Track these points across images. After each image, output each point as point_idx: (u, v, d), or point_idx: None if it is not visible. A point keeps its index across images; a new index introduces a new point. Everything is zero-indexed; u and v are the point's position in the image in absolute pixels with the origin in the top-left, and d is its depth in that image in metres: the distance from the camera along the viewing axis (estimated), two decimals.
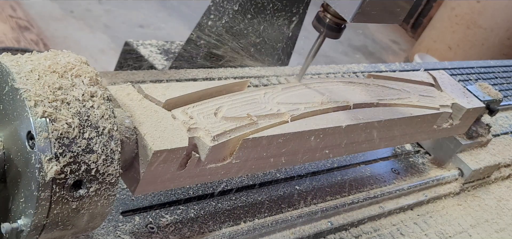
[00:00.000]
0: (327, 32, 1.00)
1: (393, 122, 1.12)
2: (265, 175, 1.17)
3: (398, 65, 1.98)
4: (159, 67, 2.06)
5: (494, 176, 1.53)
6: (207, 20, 1.88)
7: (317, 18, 1.00)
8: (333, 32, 0.99)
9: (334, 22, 0.98)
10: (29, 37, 2.73)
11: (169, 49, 2.21)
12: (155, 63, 2.08)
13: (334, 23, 0.99)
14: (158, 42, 2.25)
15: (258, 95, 0.97)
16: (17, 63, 0.67)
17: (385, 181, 1.31)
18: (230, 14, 1.81)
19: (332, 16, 0.98)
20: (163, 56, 2.15)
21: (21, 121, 0.64)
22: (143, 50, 2.14)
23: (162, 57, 2.14)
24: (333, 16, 0.97)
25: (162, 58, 2.13)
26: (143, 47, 2.17)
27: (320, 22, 0.99)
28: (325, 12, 0.99)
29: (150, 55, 2.13)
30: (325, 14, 0.98)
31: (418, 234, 1.23)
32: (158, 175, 0.78)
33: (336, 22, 0.98)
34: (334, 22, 0.98)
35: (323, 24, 0.99)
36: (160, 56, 2.15)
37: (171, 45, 2.24)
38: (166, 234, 0.93)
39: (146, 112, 0.79)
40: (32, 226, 0.66)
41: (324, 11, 0.99)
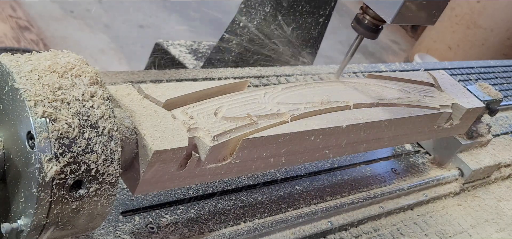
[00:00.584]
0: (365, 32, 1.06)
1: (393, 122, 1.12)
2: (265, 175, 1.17)
3: (398, 65, 1.98)
4: (190, 66, 2.14)
5: (494, 176, 1.53)
6: (239, 21, 1.95)
7: (356, 20, 1.07)
8: (371, 32, 1.06)
9: (373, 23, 1.05)
10: (29, 37, 2.73)
11: (197, 49, 2.30)
12: (185, 63, 2.16)
13: (372, 24, 1.05)
14: (186, 42, 2.33)
15: (258, 95, 0.97)
16: (17, 63, 0.67)
17: (385, 181, 1.31)
18: (261, 15, 1.89)
19: (370, 17, 1.05)
20: (192, 56, 2.23)
21: (21, 121, 0.64)
22: (173, 50, 2.22)
23: (191, 57, 2.22)
24: (372, 17, 1.04)
25: (192, 58, 2.21)
26: (173, 47, 2.25)
27: (359, 23, 1.06)
28: (364, 14, 1.05)
29: (180, 55, 2.21)
30: (364, 16, 1.05)
31: (418, 234, 1.23)
32: (158, 175, 0.78)
33: (374, 23, 1.05)
34: (372, 23, 1.05)
35: (361, 25, 1.06)
36: (190, 55, 2.23)
37: (198, 45, 2.33)
38: (166, 234, 0.93)
39: (146, 112, 0.79)
40: (32, 226, 0.66)
41: (363, 13, 1.06)
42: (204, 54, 2.25)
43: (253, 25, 1.89)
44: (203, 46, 2.33)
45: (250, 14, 1.92)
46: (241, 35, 1.91)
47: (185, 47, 2.28)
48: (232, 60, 1.91)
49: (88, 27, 3.58)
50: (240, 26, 1.93)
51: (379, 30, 1.07)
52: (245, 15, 1.94)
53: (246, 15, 1.93)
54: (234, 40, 1.92)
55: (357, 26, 1.07)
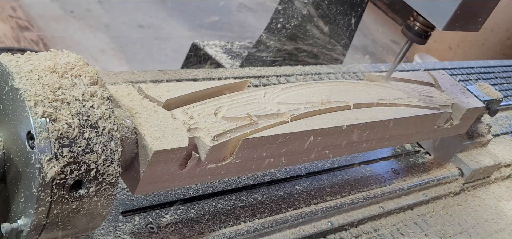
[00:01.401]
0: (415, 38, 1.14)
1: (393, 121, 1.12)
2: (265, 175, 1.17)
3: (398, 65, 1.98)
4: (227, 66, 2.26)
5: (494, 176, 1.53)
6: (276, 22, 2.06)
7: (406, 26, 1.15)
8: (420, 38, 1.14)
9: (422, 29, 1.13)
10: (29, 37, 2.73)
11: (231, 49, 2.42)
12: (222, 62, 2.28)
13: (421, 31, 1.13)
14: (220, 43, 2.45)
15: (258, 95, 0.97)
16: (17, 63, 0.67)
17: (385, 181, 1.31)
18: (298, 17, 2.00)
19: (420, 24, 1.12)
20: (227, 56, 2.35)
21: (21, 121, 0.64)
22: (210, 50, 2.34)
23: (226, 57, 2.34)
24: (422, 24, 1.12)
25: (227, 57, 2.33)
26: (209, 47, 2.37)
27: (409, 29, 1.14)
28: (414, 20, 1.13)
29: (216, 54, 2.33)
30: (414, 23, 1.13)
31: (418, 234, 1.23)
32: (158, 175, 0.78)
33: (423, 29, 1.13)
34: (422, 30, 1.13)
35: (411, 31, 1.14)
36: (225, 55, 2.34)
37: (231, 45, 2.46)
38: (166, 234, 0.93)
39: (146, 112, 0.79)
40: (32, 226, 0.66)
41: (414, 19, 1.13)
42: (237, 54, 2.37)
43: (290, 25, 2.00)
44: (236, 46, 2.45)
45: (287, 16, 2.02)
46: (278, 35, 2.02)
47: (219, 47, 2.40)
48: (270, 59, 2.02)
49: (88, 27, 3.58)
50: (277, 27, 2.03)
51: (428, 36, 1.14)
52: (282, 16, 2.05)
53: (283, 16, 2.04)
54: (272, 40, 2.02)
55: (407, 32, 1.14)
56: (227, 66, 2.26)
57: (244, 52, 2.37)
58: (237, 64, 2.28)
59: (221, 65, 2.25)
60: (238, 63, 2.28)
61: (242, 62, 2.19)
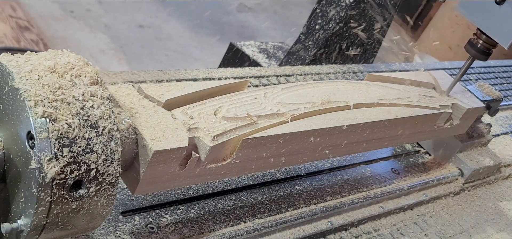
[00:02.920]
0: (477, 54, 1.22)
1: (393, 122, 1.12)
2: (265, 175, 1.17)
3: (398, 65, 1.98)
4: (264, 65, 2.36)
5: (494, 176, 1.53)
6: (315, 24, 2.14)
7: (470, 43, 1.22)
8: (482, 55, 1.22)
9: (485, 47, 1.20)
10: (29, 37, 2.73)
11: (266, 49, 2.53)
12: (259, 61, 2.39)
13: (485, 48, 1.21)
14: (256, 43, 2.56)
15: (258, 95, 0.97)
16: (17, 63, 0.67)
17: (385, 181, 1.31)
18: (336, 20, 2.08)
19: (483, 42, 1.20)
20: (263, 55, 2.46)
21: (21, 121, 0.64)
22: (247, 50, 2.45)
23: (263, 56, 2.45)
24: (484, 42, 1.20)
25: (263, 57, 2.44)
26: (245, 47, 2.47)
27: (472, 46, 1.22)
28: (478, 38, 1.20)
29: (253, 54, 2.44)
30: (478, 40, 1.21)
31: (418, 234, 1.23)
32: (158, 175, 0.78)
33: (486, 47, 1.20)
34: (485, 47, 1.21)
35: (474, 48, 1.21)
36: (261, 55, 2.45)
37: (266, 45, 2.57)
38: (166, 234, 0.93)
39: (146, 113, 0.79)
40: (32, 226, 0.66)
41: (477, 37, 1.21)
42: (272, 53, 2.49)
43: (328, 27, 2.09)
44: (270, 46, 2.56)
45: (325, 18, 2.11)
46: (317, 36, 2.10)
47: (255, 47, 2.50)
48: (309, 59, 2.10)
49: (88, 27, 3.58)
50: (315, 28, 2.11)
51: (490, 53, 1.22)
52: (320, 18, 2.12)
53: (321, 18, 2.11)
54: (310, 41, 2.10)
55: (470, 48, 1.22)
56: (265, 65, 2.36)
57: (277, 52, 2.49)
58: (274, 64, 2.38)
59: (259, 64, 2.34)
60: (274, 63, 2.38)
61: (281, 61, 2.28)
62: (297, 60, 2.14)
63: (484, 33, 1.17)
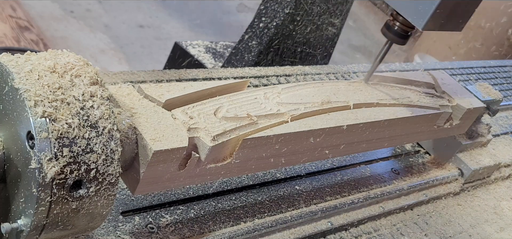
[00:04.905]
0: (395, 38, 1.10)
1: (393, 122, 1.12)
2: (265, 175, 1.17)
3: (398, 65, 1.98)
4: (209, 66, 2.24)
5: (494, 176, 1.53)
6: (259, 22, 2.01)
7: (386, 25, 1.10)
8: (400, 38, 1.10)
9: (402, 29, 1.09)
10: (29, 37, 2.73)
11: (215, 49, 2.40)
12: (204, 62, 2.26)
13: (402, 31, 1.09)
14: (204, 42, 2.43)
15: (258, 95, 0.97)
16: (17, 63, 0.67)
17: (385, 181, 1.31)
18: (281, 17, 1.95)
19: (400, 24, 1.08)
20: (210, 56, 2.34)
21: (21, 121, 0.64)
22: (192, 50, 2.33)
23: (209, 57, 2.33)
24: (402, 24, 1.08)
25: (210, 57, 2.32)
26: (191, 47, 2.35)
27: (389, 29, 1.10)
28: (394, 20, 1.09)
29: (199, 54, 2.32)
30: (394, 22, 1.09)
31: (418, 234, 1.23)
32: (158, 175, 0.78)
33: (404, 29, 1.09)
34: (402, 30, 1.09)
35: (391, 31, 1.10)
36: (208, 55, 2.33)
37: (215, 45, 2.44)
38: (166, 234, 0.93)
39: (146, 112, 0.79)
40: (32, 226, 0.66)
41: (394, 19, 1.09)
42: (221, 54, 2.35)
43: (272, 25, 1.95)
44: (220, 46, 2.42)
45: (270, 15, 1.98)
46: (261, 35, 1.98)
47: (202, 47, 2.38)
48: (252, 60, 1.98)
49: (88, 27, 3.58)
50: (259, 27, 1.99)
51: (408, 36, 1.10)
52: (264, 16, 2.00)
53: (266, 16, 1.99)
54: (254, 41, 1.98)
55: (387, 32, 1.10)
56: (209, 66, 2.23)
57: (227, 51, 2.33)
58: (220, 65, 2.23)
59: (203, 65, 2.22)
60: (221, 64, 2.24)
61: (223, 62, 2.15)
62: (240, 61, 2.02)
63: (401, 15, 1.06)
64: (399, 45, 1.12)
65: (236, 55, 2.03)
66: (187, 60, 2.29)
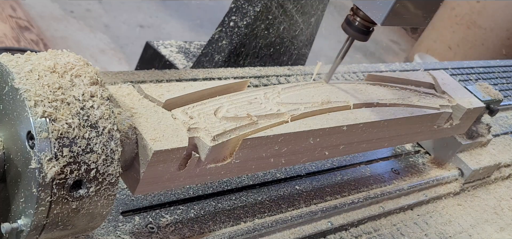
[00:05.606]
0: (356, 34, 1.03)
1: (393, 122, 1.12)
2: (265, 175, 1.17)
3: (398, 65, 1.98)
4: (180, 67, 2.14)
5: (494, 176, 1.53)
6: (229, 20, 1.91)
7: (346, 21, 1.03)
8: (362, 34, 1.03)
9: (363, 25, 1.01)
10: (29, 37, 2.73)
11: (188, 49, 2.29)
12: (176, 63, 2.16)
13: (363, 26, 1.02)
14: (177, 42, 2.32)
15: (258, 95, 0.97)
16: (17, 63, 0.67)
17: (385, 181, 1.31)
18: (251, 15, 1.85)
19: (361, 19, 1.01)
20: (182, 56, 2.23)
21: (21, 121, 0.64)
22: (163, 50, 2.23)
23: (182, 57, 2.22)
24: (362, 19, 1.01)
25: (182, 58, 2.22)
26: (163, 47, 2.26)
27: (350, 24, 1.03)
28: (354, 15, 1.02)
29: (171, 55, 2.22)
30: (355, 17, 1.02)
31: (418, 234, 1.23)
32: (158, 175, 0.78)
33: (365, 25, 1.01)
34: (363, 25, 1.02)
35: (352, 27, 1.02)
36: (180, 55, 2.23)
37: (190, 45, 2.32)
38: (166, 234, 0.93)
39: (146, 113, 0.79)
40: (32, 226, 0.66)
41: (354, 14, 1.02)
42: (195, 54, 2.25)
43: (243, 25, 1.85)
44: (194, 46, 2.32)
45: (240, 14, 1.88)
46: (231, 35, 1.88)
47: (175, 47, 2.28)
48: (222, 60, 1.89)
49: (88, 27, 3.58)
50: (230, 26, 1.89)
51: (370, 32, 1.03)
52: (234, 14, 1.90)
53: (236, 15, 1.89)
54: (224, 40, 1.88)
55: (348, 27, 1.04)
56: (181, 67, 2.14)
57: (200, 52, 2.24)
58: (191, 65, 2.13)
59: (174, 66, 2.14)
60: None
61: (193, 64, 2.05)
62: (210, 62, 1.92)
63: (361, 9, 0.99)
64: (361, 41, 1.05)
65: (206, 56, 1.94)
66: (158, 61, 2.20)
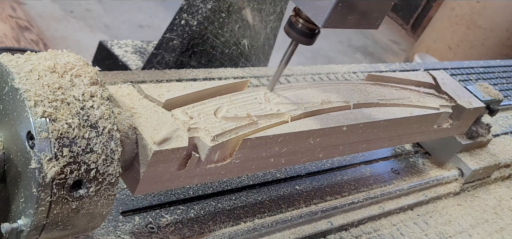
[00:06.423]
0: (299, 38, 0.92)
1: (393, 122, 1.12)
2: (265, 175, 1.17)
3: (398, 65, 1.98)
4: (133, 68, 2.03)
5: (494, 176, 1.53)
6: (180, 19, 1.81)
7: (289, 23, 0.92)
8: (306, 38, 0.92)
9: (307, 27, 0.91)
10: (29, 37, 2.73)
11: (146, 49, 2.18)
12: (129, 64, 2.06)
13: (306, 29, 0.91)
14: (134, 42, 2.22)
15: (258, 96, 0.97)
16: (17, 63, 0.67)
17: (385, 181, 1.31)
18: (203, 13, 1.74)
19: (304, 21, 0.90)
20: (137, 56, 2.13)
21: (21, 121, 0.64)
22: (117, 51, 2.14)
23: (136, 57, 2.12)
24: (306, 21, 0.90)
25: (136, 58, 2.12)
26: (117, 47, 2.16)
27: (292, 27, 0.92)
28: (297, 16, 0.91)
29: (124, 55, 2.12)
30: (297, 19, 0.91)
31: (418, 234, 1.23)
32: (158, 175, 0.78)
33: (308, 27, 0.91)
34: (307, 27, 0.91)
35: (295, 30, 0.92)
36: (135, 56, 2.13)
37: (147, 45, 2.20)
38: (166, 234, 0.93)
39: (146, 112, 0.79)
40: (32, 226, 0.66)
41: (296, 15, 0.91)
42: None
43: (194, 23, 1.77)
44: (152, 46, 2.20)
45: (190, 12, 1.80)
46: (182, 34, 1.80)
47: (131, 47, 2.19)
48: (173, 61, 1.81)
49: (88, 27, 3.58)
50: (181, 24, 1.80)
51: (315, 34, 0.93)
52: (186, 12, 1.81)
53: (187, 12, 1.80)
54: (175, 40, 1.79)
55: (290, 30, 0.92)
56: (134, 67, 2.04)
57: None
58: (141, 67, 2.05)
59: (127, 66, 2.05)
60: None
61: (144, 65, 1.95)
62: (161, 62, 1.83)
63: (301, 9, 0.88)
64: (306, 45, 0.94)
65: (156, 56, 1.86)
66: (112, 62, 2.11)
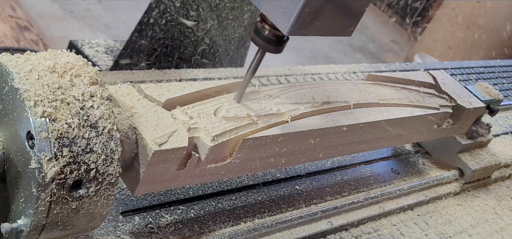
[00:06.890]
0: (266, 45, 0.85)
1: (393, 122, 1.12)
2: (265, 175, 1.17)
3: (398, 65, 1.98)
4: (103, 68, 2.01)
5: (494, 176, 1.53)
6: (148, 18, 1.74)
7: (255, 30, 0.85)
8: (273, 46, 0.85)
9: (274, 34, 0.84)
10: (29, 37, 2.73)
11: (119, 49, 2.12)
12: (100, 64, 2.04)
13: (273, 36, 0.84)
14: (106, 41, 2.20)
15: (258, 95, 0.97)
16: (17, 63, 0.67)
17: (385, 181, 1.31)
18: (172, 11, 1.67)
19: (270, 27, 0.83)
20: (108, 56, 2.10)
21: (21, 121, 0.64)
22: (88, 50, 2.12)
23: (107, 57, 2.10)
24: (272, 27, 0.83)
25: (107, 58, 2.09)
26: (88, 46, 2.14)
27: (258, 34, 0.85)
28: (263, 22, 0.84)
29: (95, 55, 2.10)
30: (263, 25, 0.84)
31: (418, 234, 1.23)
32: (158, 175, 0.78)
33: (275, 34, 0.84)
34: (273, 35, 0.84)
35: (261, 37, 0.85)
36: (105, 56, 2.11)
37: (121, 45, 2.15)
38: (166, 234, 0.93)
39: (146, 112, 0.79)
40: (32, 226, 0.66)
41: (262, 21, 0.84)
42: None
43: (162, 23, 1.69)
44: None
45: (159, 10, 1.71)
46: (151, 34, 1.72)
47: (103, 46, 2.16)
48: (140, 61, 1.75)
49: (88, 27, 3.58)
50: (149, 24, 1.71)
51: (284, 42, 0.85)
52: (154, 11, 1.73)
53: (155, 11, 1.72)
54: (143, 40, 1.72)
55: (256, 38, 0.85)
56: (104, 68, 1.99)
57: None
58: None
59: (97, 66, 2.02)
60: None
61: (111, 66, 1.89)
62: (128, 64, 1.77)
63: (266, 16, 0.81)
64: (273, 53, 0.86)
65: (124, 57, 1.79)
66: None
